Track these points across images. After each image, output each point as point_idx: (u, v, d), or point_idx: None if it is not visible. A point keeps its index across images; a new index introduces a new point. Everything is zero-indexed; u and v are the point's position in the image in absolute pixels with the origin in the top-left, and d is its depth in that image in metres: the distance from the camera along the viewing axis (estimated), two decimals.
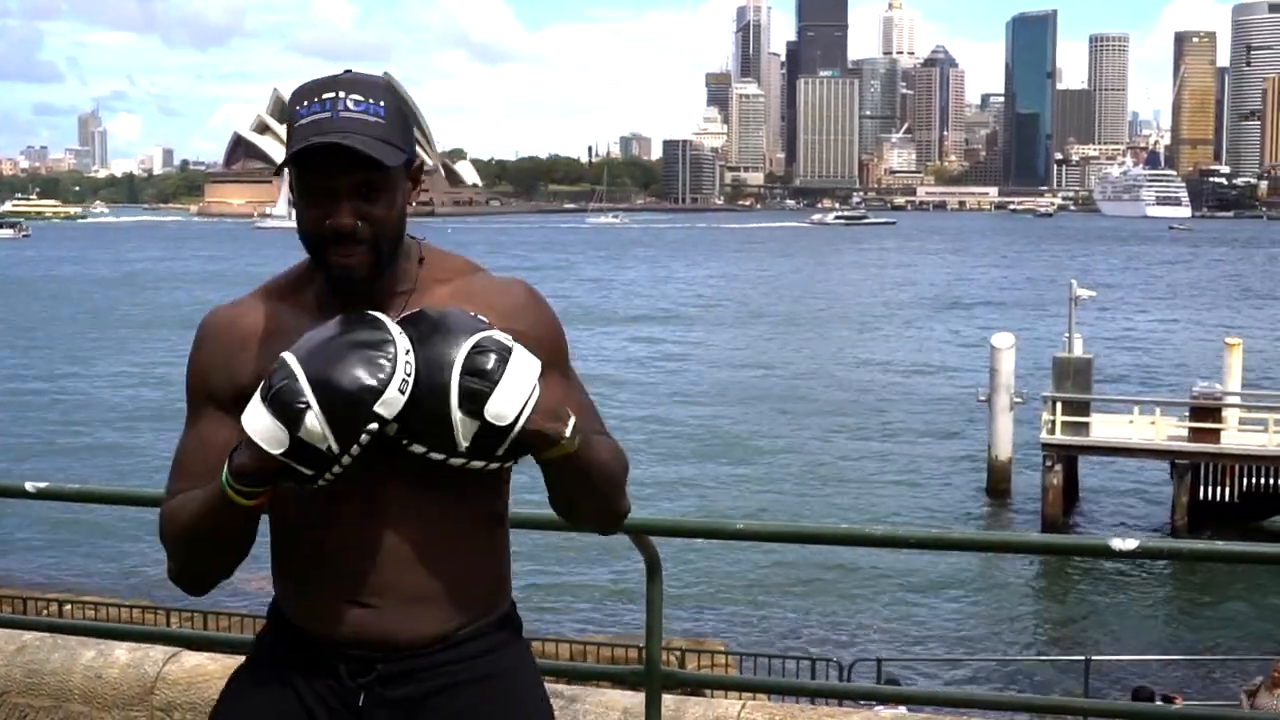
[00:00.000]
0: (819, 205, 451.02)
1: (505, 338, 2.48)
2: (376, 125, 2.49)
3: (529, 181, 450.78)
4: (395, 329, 2.45)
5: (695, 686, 5.14)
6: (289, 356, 2.42)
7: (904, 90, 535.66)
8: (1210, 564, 26.71)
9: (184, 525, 2.57)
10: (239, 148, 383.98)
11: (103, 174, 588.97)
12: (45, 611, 18.07)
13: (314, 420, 2.36)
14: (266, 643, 2.74)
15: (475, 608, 2.65)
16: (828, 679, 16.06)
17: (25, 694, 5.09)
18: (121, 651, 5.11)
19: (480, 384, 2.41)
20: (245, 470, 2.43)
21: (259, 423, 2.40)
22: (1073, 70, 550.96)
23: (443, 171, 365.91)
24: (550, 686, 3.16)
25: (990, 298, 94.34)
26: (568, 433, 2.50)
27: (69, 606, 18.16)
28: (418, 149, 2.68)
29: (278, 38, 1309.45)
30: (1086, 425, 32.70)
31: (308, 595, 2.63)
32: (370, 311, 2.50)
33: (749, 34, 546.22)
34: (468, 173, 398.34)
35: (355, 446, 2.41)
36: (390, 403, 2.38)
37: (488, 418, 2.42)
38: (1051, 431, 32.07)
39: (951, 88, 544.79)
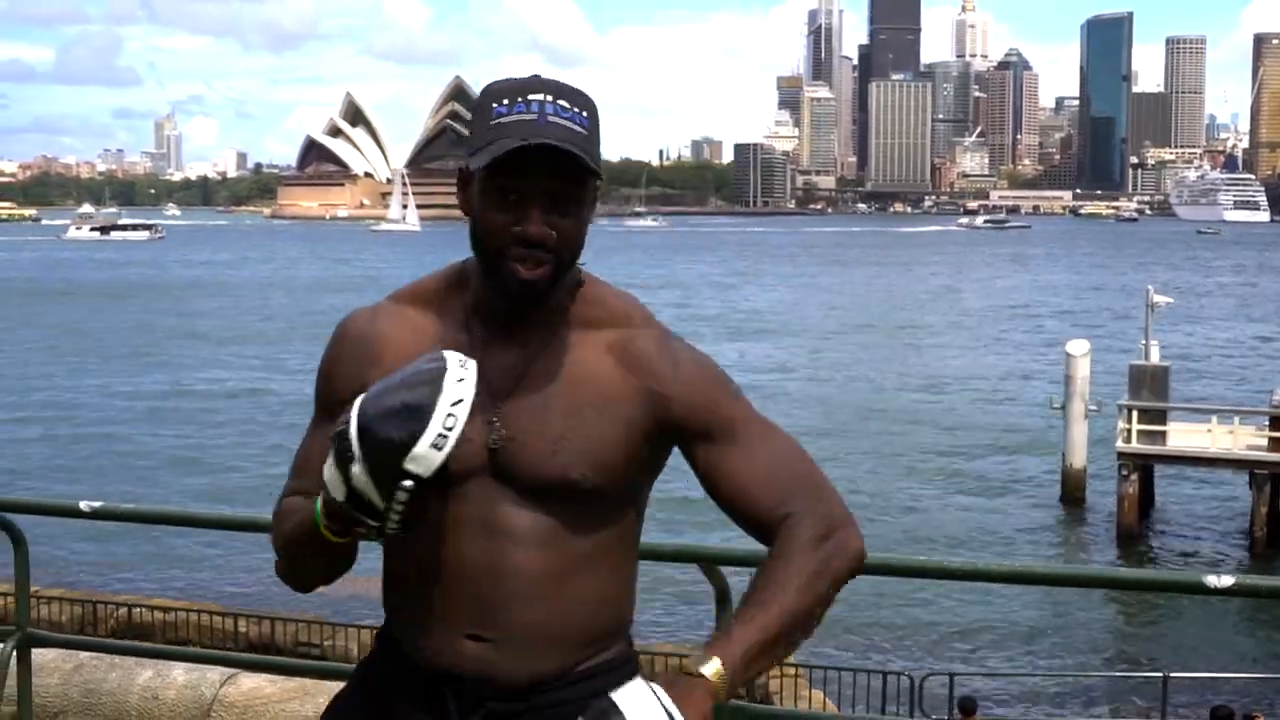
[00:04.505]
0: (891, 209, 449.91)
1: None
2: (580, 135, 2.35)
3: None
4: (454, 375, 2.23)
5: None
6: (358, 400, 2.25)
7: (977, 93, 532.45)
8: None
9: (285, 535, 2.47)
10: (312, 151, 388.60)
11: (177, 177, 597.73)
12: (114, 616, 18.20)
13: (359, 471, 2.19)
14: (374, 670, 2.57)
15: (596, 642, 2.47)
16: (899, 692, 15.89)
17: (82, 713, 5.05)
18: (179, 672, 5.07)
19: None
20: (327, 512, 2.29)
21: (328, 468, 2.24)
22: (1149, 73, 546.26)
23: None
24: None
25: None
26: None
27: (138, 610, 18.26)
28: None
29: (351, 41, 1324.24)
30: (1163, 434, 32.19)
31: (422, 624, 2.45)
32: (445, 351, 2.28)
33: (820, 37, 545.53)
34: None
35: (398, 505, 2.21)
36: (421, 459, 2.18)
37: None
38: (1128, 440, 31.59)
39: (1025, 91, 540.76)
